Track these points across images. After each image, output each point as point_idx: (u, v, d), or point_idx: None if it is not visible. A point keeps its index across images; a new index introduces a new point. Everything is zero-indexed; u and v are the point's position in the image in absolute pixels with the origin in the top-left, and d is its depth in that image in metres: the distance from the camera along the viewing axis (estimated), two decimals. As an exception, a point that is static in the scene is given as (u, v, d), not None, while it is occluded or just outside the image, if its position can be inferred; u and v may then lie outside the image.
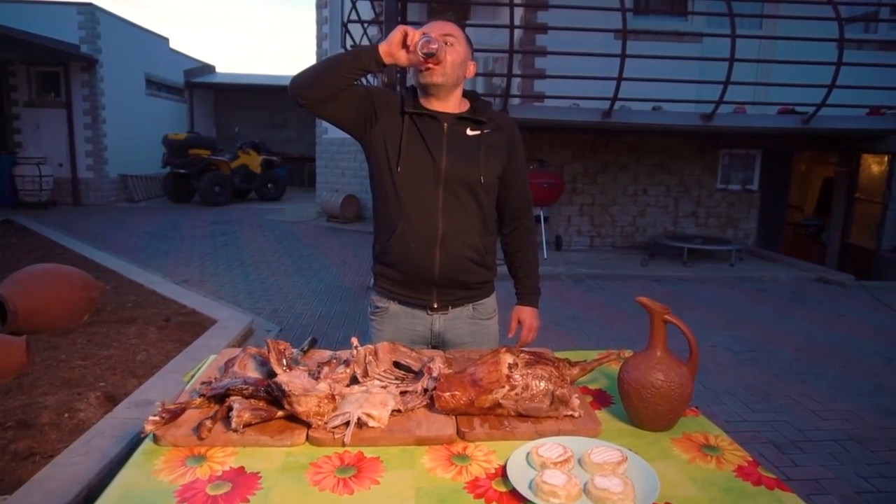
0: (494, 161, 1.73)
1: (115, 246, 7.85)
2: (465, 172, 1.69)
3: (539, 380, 1.32)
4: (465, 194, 1.71)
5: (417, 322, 1.84)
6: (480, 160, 1.70)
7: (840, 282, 7.01)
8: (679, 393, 1.30)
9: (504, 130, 1.77)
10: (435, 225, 1.70)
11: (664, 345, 1.35)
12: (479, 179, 1.70)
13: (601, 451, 1.16)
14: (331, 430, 1.23)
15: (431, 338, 1.86)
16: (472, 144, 1.71)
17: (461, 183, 1.69)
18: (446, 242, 1.72)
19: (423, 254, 1.72)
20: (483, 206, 1.75)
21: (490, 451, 1.20)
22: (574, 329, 5.01)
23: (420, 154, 1.68)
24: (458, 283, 1.80)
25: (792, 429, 3.22)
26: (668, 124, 7.50)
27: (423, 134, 1.68)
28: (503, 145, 1.76)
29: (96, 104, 12.49)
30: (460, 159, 1.69)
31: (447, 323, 1.84)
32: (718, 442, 1.29)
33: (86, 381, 3.18)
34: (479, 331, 1.87)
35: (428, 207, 1.70)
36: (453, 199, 1.70)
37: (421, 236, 1.71)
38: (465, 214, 1.72)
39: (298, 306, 5.55)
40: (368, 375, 1.49)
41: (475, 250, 1.76)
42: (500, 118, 1.79)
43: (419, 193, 1.69)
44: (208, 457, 1.18)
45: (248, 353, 1.63)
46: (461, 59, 1.67)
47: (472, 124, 1.72)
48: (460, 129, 1.71)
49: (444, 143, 1.69)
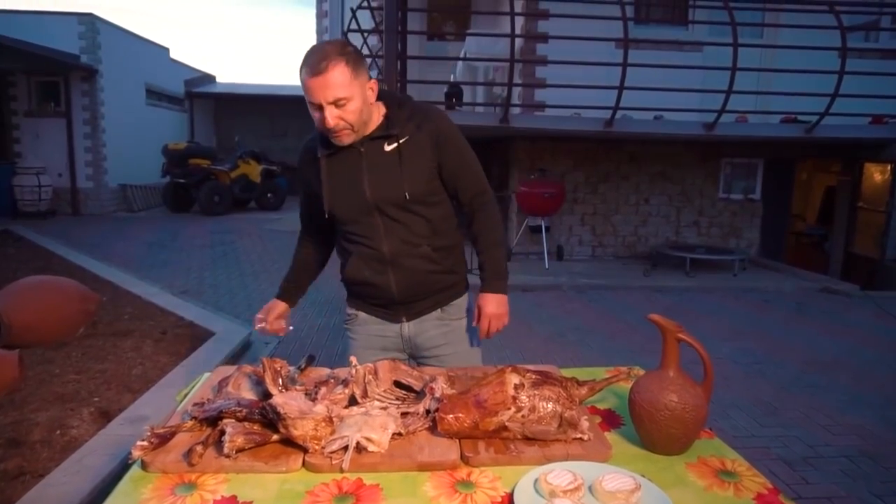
0: (418, 171, 1.65)
1: (113, 256, 7.81)
2: (389, 194, 1.64)
3: (546, 401, 1.27)
4: (399, 212, 1.67)
5: (387, 329, 1.81)
6: (403, 176, 1.63)
7: (845, 292, 6.96)
8: (694, 415, 1.24)
9: (424, 129, 1.65)
10: (380, 249, 1.69)
11: (677, 364, 1.30)
12: (404, 196, 1.64)
13: (613, 477, 1.10)
14: (328, 455, 1.18)
15: (403, 344, 1.82)
16: (391, 161, 1.64)
17: (390, 203, 1.65)
18: (397, 262, 1.70)
19: (378, 278, 1.73)
20: (425, 216, 1.69)
21: (496, 477, 1.14)
22: (577, 341, 4.94)
23: (345, 187, 1.66)
24: (421, 296, 1.77)
25: (802, 444, 3.15)
26: (670, 133, 7.47)
27: (341, 168, 1.66)
28: (426, 147, 1.65)
29: (96, 114, 12.49)
30: (382, 181, 1.64)
31: (416, 327, 1.81)
32: (735, 467, 1.24)
33: (79, 397, 3.12)
34: (451, 332, 1.83)
35: (369, 234, 1.69)
36: (390, 220, 1.67)
37: (371, 262, 1.71)
38: (407, 231, 1.68)
39: (297, 318, 5.44)
40: (368, 396, 1.43)
41: (430, 261, 1.72)
42: (418, 116, 1.66)
43: (357, 224, 1.69)
44: (199, 484, 1.13)
45: (243, 372, 1.58)
46: (361, 103, 1.54)
47: (388, 139, 1.64)
48: (377, 148, 1.64)
49: (363, 168, 1.65)
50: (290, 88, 18.48)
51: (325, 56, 1.49)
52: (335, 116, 1.52)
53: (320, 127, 1.56)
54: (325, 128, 1.55)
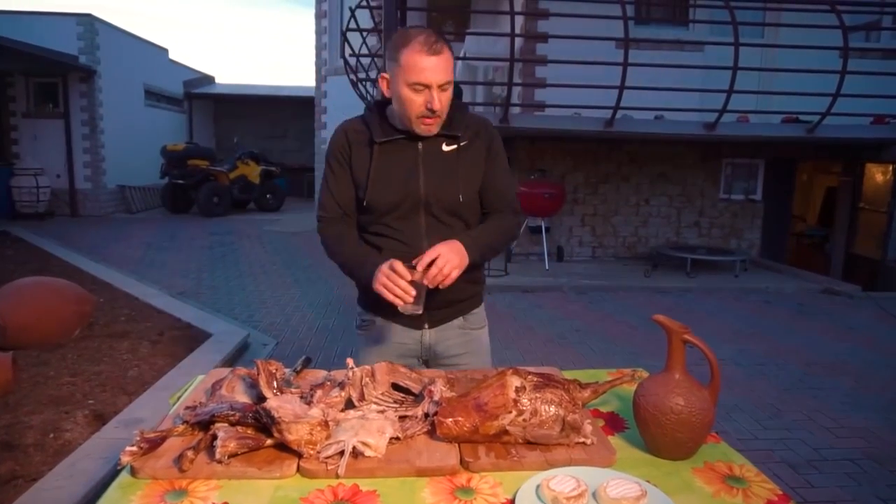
0: (473, 175, 1.64)
1: (111, 258, 7.78)
2: (444, 193, 1.61)
3: (548, 404, 1.23)
4: (447, 215, 1.63)
5: (407, 335, 1.75)
6: (459, 178, 1.61)
7: (847, 293, 6.92)
8: (700, 419, 1.21)
9: (482, 137, 1.66)
10: (420, 248, 1.61)
11: (683, 367, 1.27)
12: (458, 198, 1.61)
13: (618, 483, 1.07)
14: (324, 460, 1.15)
15: (422, 351, 1.77)
16: (449, 161, 1.61)
17: (442, 204, 1.61)
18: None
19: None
20: (467, 222, 1.67)
21: (497, 482, 1.11)
22: (578, 342, 4.90)
23: (394, 180, 1.60)
24: (447, 303, 1.72)
25: (806, 447, 3.11)
26: (670, 133, 7.44)
27: (395, 159, 1.60)
28: (480, 156, 1.65)
29: (94, 115, 12.46)
30: (438, 180, 1.60)
31: (438, 335, 1.75)
32: (744, 472, 1.21)
33: (74, 399, 3.08)
34: (471, 342, 1.78)
35: (410, 232, 1.63)
36: (436, 222, 1.63)
37: (404, 262, 1.62)
38: (449, 234, 1.62)
39: (296, 319, 5.45)
40: (365, 399, 1.40)
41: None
42: (476, 124, 1.67)
43: (398, 219, 1.63)
44: (190, 491, 1.09)
45: (237, 375, 1.55)
46: (451, 93, 1.55)
47: (448, 139, 1.61)
48: (436, 147, 1.61)
49: (419, 164, 1.61)
50: (290, 89, 18.47)
51: (437, 38, 1.47)
52: (440, 100, 1.49)
53: (415, 110, 1.50)
54: (422, 112, 1.50)
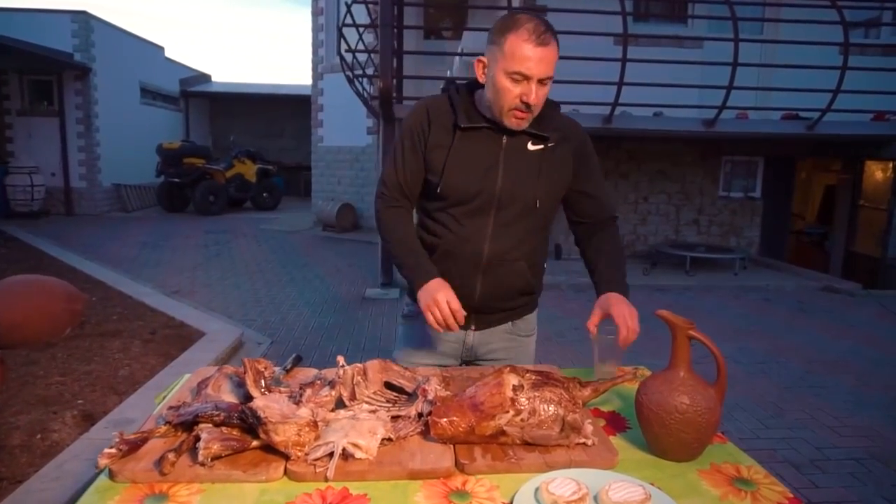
0: (555, 180, 1.54)
1: (106, 256, 7.73)
2: (520, 193, 1.51)
3: (547, 403, 1.19)
4: (517, 218, 1.53)
5: (450, 335, 1.65)
6: (539, 180, 1.51)
7: (847, 291, 6.91)
8: (706, 419, 1.17)
9: (571, 140, 1.56)
10: (480, 250, 1.54)
11: (688, 364, 1.23)
12: (534, 203, 1.52)
13: (620, 486, 1.03)
14: (312, 462, 1.10)
15: (463, 351, 1.69)
16: (532, 161, 1.51)
17: (515, 205, 1.51)
18: (491, 270, 1.55)
19: (464, 280, 1.55)
20: (536, 231, 1.58)
21: (493, 485, 1.07)
22: (577, 341, 4.88)
23: (471, 171, 1.50)
24: (499, 309, 1.65)
25: (809, 447, 3.08)
26: (670, 130, 7.40)
27: (476, 148, 1.51)
28: (569, 159, 1.55)
29: (89, 113, 12.39)
30: (517, 179, 1.50)
31: (482, 337, 1.68)
32: (752, 474, 1.16)
33: (63, 399, 3.03)
34: (517, 347, 1.70)
35: (474, 230, 1.53)
36: (504, 224, 1.53)
37: (463, 261, 1.55)
38: (515, 239, 1.54)
39: (291, 318, 5.41)
40: (356, 398, 1.35)
41: (521, 277, 1.59)
42: (567, 126, 1.57)
43: (466, 214, 1.53)
44: (171, 495, 1.05)
45: (224, 374, 1.49)
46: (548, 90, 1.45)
47: (535, 139, 1.52)
48: (520, 143, 1.52)
49: (500, 159, 1.50)
50: (287, 88, 18.43)
51: (547, 28, 1.39)
52: (538, 95, 1.40)
53: (509, 101, 1.42)
54: (516, 104, 1.41)
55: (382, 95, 6.04)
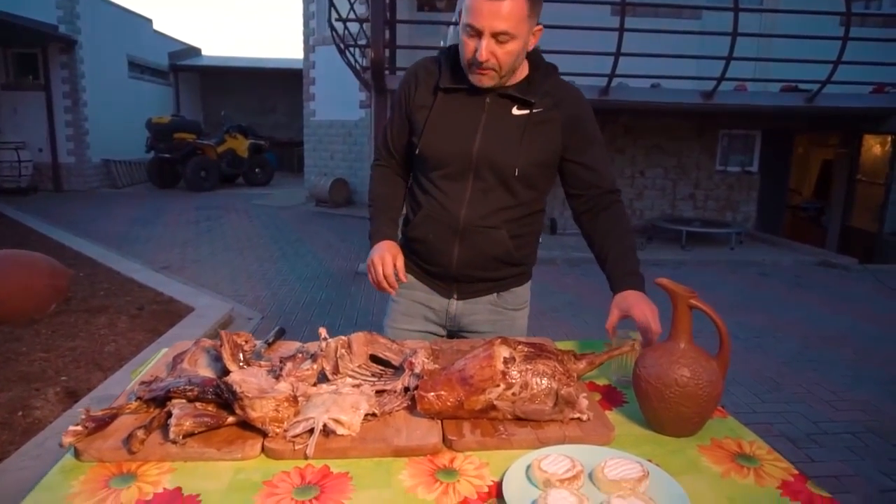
0: (538, 148, 1.46)
1: (95, 233, 7.62)
2: (498, 159, 1.44)
3: (540, 377, 1.13)
4: (496, 185, 1.47)
5: (434, 300, 1.62)
6: (520, 147, 1.44)
7: (843, 265, 6.90)
8: (708, 392, 1.12)
9: (564, 107, 1.46)
10: (457, 215, 1.48)
11: (689, 335, 1.17)
12: (513, 171, 1.44)
13: (617, 463, 0.98)
14: (291, 439, 1.04)
15: (447, 320, 1.64)
16: (515, 127, 1.44)
17: (493, 171, 1.45)
18: (468, 236, 1.50)
19: (441, 246, 1.52)
20: (518, 198, 1.50)
21: (482, 463, 1.02)
22: (571, 316, 4.85)
23: (449, 133, 1.46)
24: (479, 278, 1.58)
25: (806, 421, 3.06)
26: (667, 102, 7.29)
27: (458, 111, 1.45)
28: (557, 127, 1.46)
29: (76, 87, 12.15)
30: (496, 144, 1.44)
31: (465, 308, 1.62)
32: (755, 450, 1.11)
33: (45, 376, 2.98)
34: (503, 321, 1.63)
35: (453, 195, 1.48)
36: (481, 188, 1.47)
37: (441, 226, 1.50)
38: (493, 207, 1.48)
39: (282, 293, 5.35)
40: (339, 372, 1.28)
41: (502, 248, 1.52)
42: (561, 92, 1.48)
43: (445, 178, 1.48)
44: (139, 475, 0.99)
45: (201, 347, 1.42)
46: (520, 47, 1.36)
47: (521, 103, 1.45)
48: (504, 107, 1.45)
49: (480, 121, 1.45)
50: (278, 62, 18.13)
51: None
52: (489, 51, 1.33)
53: (467, 56, 1.37)
54: (471, 59, 1.36)
55: (374, 66, 5.92)
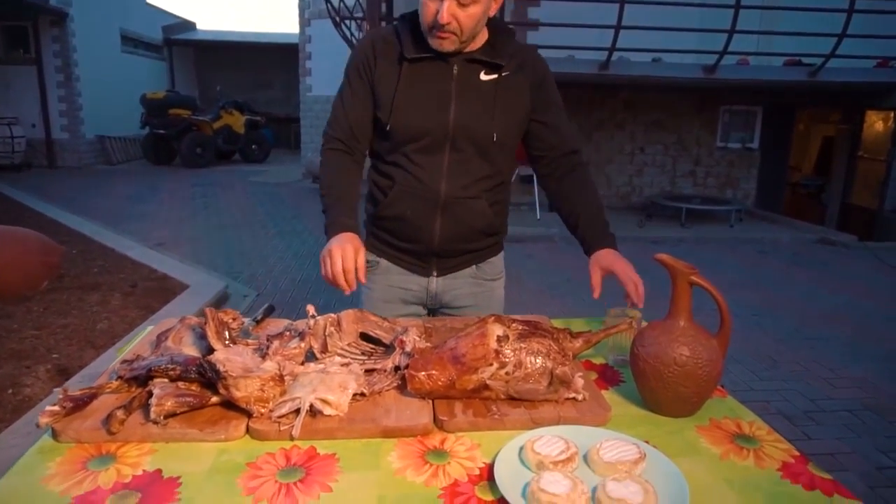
0: (513, 112, 1.44)
1: (89, 210, 7.55)
2: (476, 128, 1.41)
3: (535, 355, 1.10)
4: (474, 153, 1.44)
5: (413, 281, 1.58)
6: (495, 113, 1.41)
7: (843, 243, 6.88)
8: (708, 372, 1.08)
9: (527, 69, 1.46)
10: (437, 189, 1.44)
11: (689, 313, 1.14)
12: (491, 138, 1.42)
13: (613, 445, 0.95)
14: (276, 419, 1.01)
15: (428, 299, 1.60)
16: (487, 93, 1.41)
17: (471, 140, 1.42)
18: (449, 209, 1.46)
19: (421, 222, 1.47)
20: (496, 165, 1.48)
21: (474, 444, 0.99)
22: (569, 293, 4.82)
23: (422, 106, 1.40)
24: (460, 251, 1.55)
25: (803, 398, 3.05)
26: (668, 77, 7.17)
27: (426, 81, 1.40)
28: (525, 89, 1.45)
29: (68, 61, 11.96)
30: (471, 112, 1.41)
31: (446, 284, 1.59)
32: (754, 431, 1.09)
33: (37, 353, 2.95)
34: (483, 292, 1.62)
35: (429, 169, 1.43)
36: (460, 162, 1.44)
37: (420, 201, 1.45)
38: (472, 177, 1.45)
39: (278, 270, 5.32)
40: (328, 351, 1.24)
41: (482, 216, 1.50)
42: (523, 53, 1.47)
43: (419, 152, 1.43)
44: (118, 456, 0.96)
45: (186, 325, 1.39)
46: (482, 11, 1.34)
47: (488, 67, 1.41)
48: (472, 73, 1.41)
49: (452, 91, 1.40)
50: (276, 36, 17.86)
51: None
52: (451, 13, 1.30)
53: (427, 19, 1.33)
54: (432, 22, 1.32)
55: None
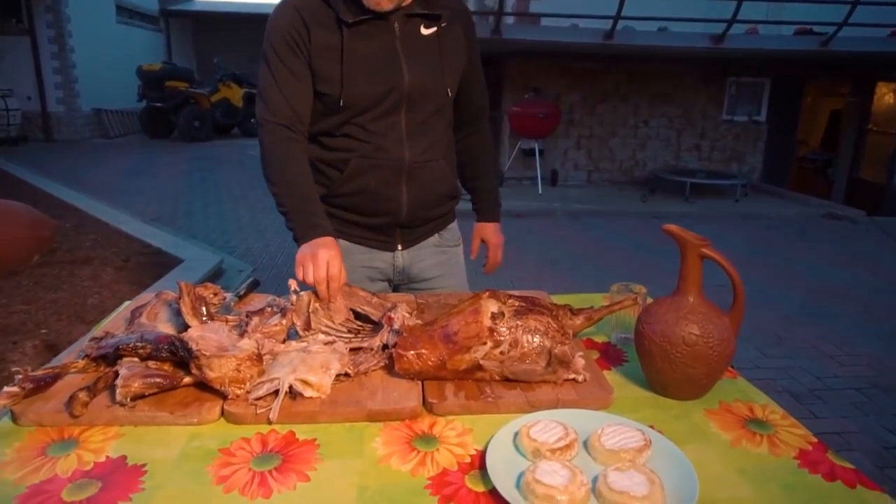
0: (457, 65, 1.40)
1: (84, 183, 7.47)
2: (430, 86, 1.35)
3: (532, 333, 1.03)
4: (431, 115, 1.38)
5: (376, 257, 1.50)
6: (444, 67, 1.36)
7: (850, 218, 6.79)
8: (719, 352, 1.01)
9: (459, 19, 1.41)
10: (400, 155, 1.36)
11: (699, 288, 1.07)
12: (445, 93, 1.37)
13: (615, 431, 0.87)
14: (253, 402, 0.95)
15: (394, 275, 1.54)
16: (432, 47, 1.35)
17: (427, 100, 1.36)
18: (415, 175, 1.39)
19: (387, 192, 1.40)
20: (448, 124, 1.46)
21: (466, 429, 0.92)
22: (570, 268, 4.77)
23: (373, 71, 1.31)
24: (426, 220, 1.50)
25: (809, 376, 2.99)
26: (675, 46, 6.99)
27: (370, 45, 1.31)
28: (461, 38, 1.42)
29: (62, 32, 11.73)
30: (423, 70, 1.34)
31: (412, 256, 1.53)
32: (767, 415, 1.01)
33: (25, 329, 2.91)
34: (448, 261, 1.58)
35: (388, 135, 1.36)
36: (418, 124, 1.37)
37: (383, 171, 1.37)
38: (430, 138, 1.40)
39: (275, 245, 5.25)
40: (312, 328, 1.16)
41: (446, 180, 1.46)
42: (453, 3, 1.40)
43: (374, 119, 1.35)
44: (81, 441, 0.89)
45: (163, 300, 1.32)
46: None
47: (427, 21, 1.34)
48: (413, 28, 1.34)
49: (399, 50, 1.32)
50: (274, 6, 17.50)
51: None
52: None
53: None
54: None
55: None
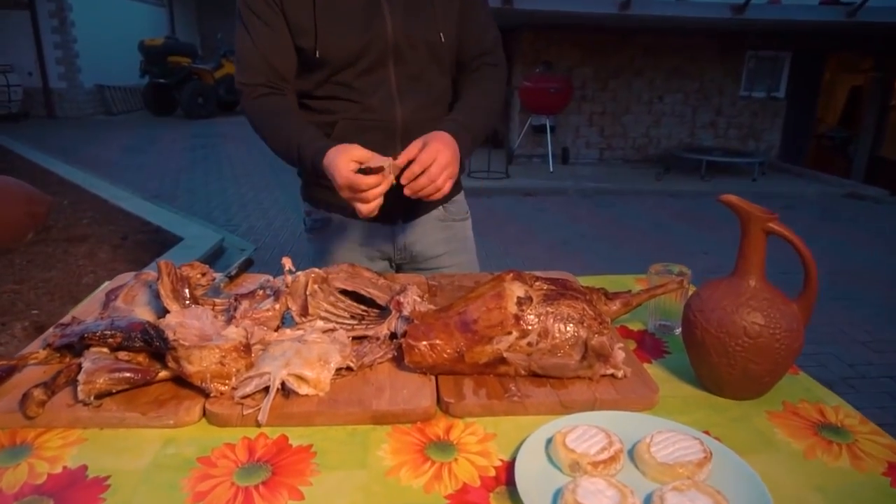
0: (450, 8, 1.24)
1: (85, 160, 7.43)
2: (417, 30, 1.21)
3: (565, 322, 0.89)
4: (425, 63, 1.24)
5: (375, 235, 1.35)
6: (436, 10, 1.21)
7: (873, 197, 6.70)
8: (786, 345, 0.86)
9: None
10: (391, 115, 1.22)
11: (762, 271, 0.92)
12: (438, 37, 1.22)
13: (668, 439, 0.73)
14: (239, 400, 0.82)
15: (395, 253, 1.39)
16: None
17: (417, 50, 1.22)
18: (411, 137, 1.19)
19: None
20: (448, 76, 1.30)
21: (488, 434, 0.78)
22: (584, 248, 4.69)
23: (350, 19, 1.17)
24: None
25: (840, 363, 2.89)
26: (693, 17, 6.75)
27: None
28: None
29: (62, 5, 11.64)
30: (409, 15, 1.20)
31: (414, 232, 1.37)
32: (843, 420, 0.87)
33: (15, 309, 2.83)
34: (455, 237, 1.43)
35: (377, 93, 1.22)
36: (408, 74, 1.23)
37: (373, 133, 1.21)
38: (427, 93, 1.26)
39: (278, 223, 5.19)
40: (309, 314, 1.02)
41: None
42: None
43: (359, 76, 1.20)
44: (36, 447, 0.77)
45: (142, 281, 1.18)
46: None
47: None
48: None
49: None
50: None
51: None
52: None
53: None
54: None
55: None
